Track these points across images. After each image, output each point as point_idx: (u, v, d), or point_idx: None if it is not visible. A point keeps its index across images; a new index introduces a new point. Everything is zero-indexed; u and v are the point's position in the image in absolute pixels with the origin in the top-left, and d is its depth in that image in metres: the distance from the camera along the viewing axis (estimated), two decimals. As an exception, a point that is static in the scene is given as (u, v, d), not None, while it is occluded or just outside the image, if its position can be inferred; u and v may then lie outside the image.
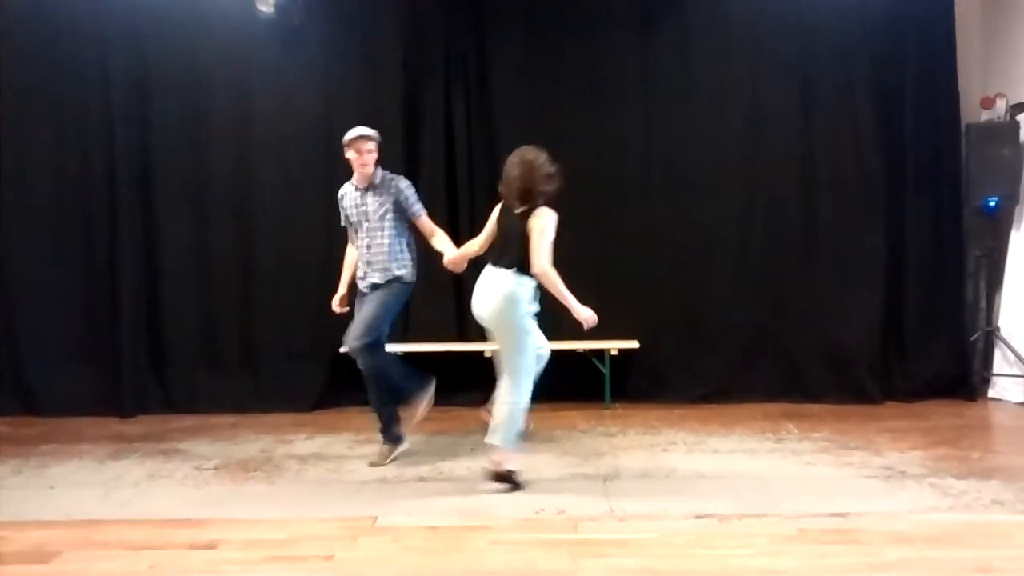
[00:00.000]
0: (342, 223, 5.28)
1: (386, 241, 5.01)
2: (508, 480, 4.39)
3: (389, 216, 5.02)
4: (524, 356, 4.41)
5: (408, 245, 5.11)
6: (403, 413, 5.07)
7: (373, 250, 5.03)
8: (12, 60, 6.48)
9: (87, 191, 6.52)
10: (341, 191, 5.22)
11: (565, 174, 6.50)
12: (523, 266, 4.32)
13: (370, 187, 5.05)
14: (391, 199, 5.03)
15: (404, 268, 5.05)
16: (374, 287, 5.02)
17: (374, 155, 5.01)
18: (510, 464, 4.42)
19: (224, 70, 6.52)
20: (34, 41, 6.46)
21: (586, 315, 4.33)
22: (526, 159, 4.43)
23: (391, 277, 5.01)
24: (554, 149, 6.49)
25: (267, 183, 6.58)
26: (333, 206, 6.55)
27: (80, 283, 6.54)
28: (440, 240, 5.05)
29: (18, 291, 6.51)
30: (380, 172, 5.09)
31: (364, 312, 4.98)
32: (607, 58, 6.58)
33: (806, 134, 6.56)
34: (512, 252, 4.36)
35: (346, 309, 5.20)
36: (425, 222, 5.12)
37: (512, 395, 4.38)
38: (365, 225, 5.06)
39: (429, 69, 6.59)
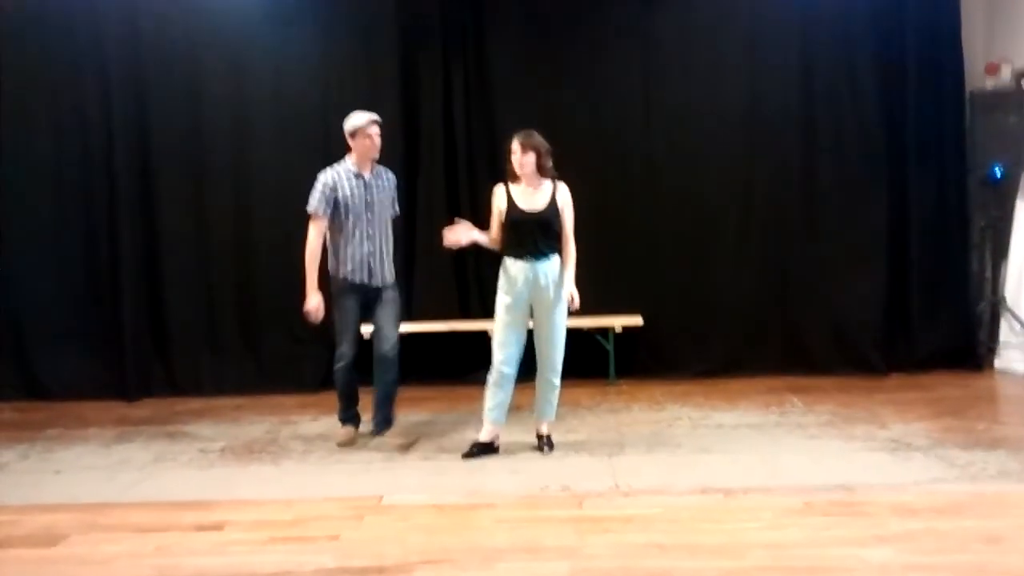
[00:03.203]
0: (322, 212, 4.72)
1: (391, 234, 4.88)
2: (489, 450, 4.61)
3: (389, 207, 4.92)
4: None
5: None
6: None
7: (380, 242, 4.80)
8: (7, 37, 6.43)
9: (87, 175, 6.49)
10: (330, 177, 4.78)
11: (565, 150, 6.51)
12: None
13: (371, 174, 4.84)
14: (390, 191, 4.91)
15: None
16: (391, 286, 4.83)
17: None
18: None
19: (220, 48, 6.46)
20: (29, 22, 6.40)
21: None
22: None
23: (394, 275, 4.90)
24: (554, 124, 6.49)
25: (266, 163, 6.53)
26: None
27: (83, 268, 6.53)
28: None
29: (21, 277, 6.50)
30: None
31: (393, 314, 4.79)
32: (606, 31, 6.50)
33: (807, 104, 6.50)
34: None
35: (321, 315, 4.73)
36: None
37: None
38: (367, 216, 4.76)
39: (427, 42, 6.53)
